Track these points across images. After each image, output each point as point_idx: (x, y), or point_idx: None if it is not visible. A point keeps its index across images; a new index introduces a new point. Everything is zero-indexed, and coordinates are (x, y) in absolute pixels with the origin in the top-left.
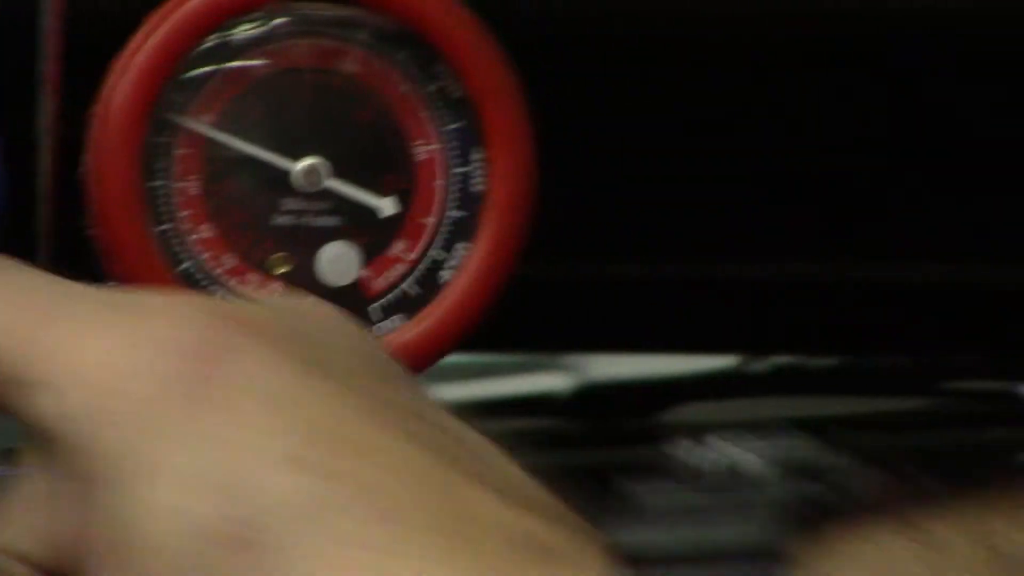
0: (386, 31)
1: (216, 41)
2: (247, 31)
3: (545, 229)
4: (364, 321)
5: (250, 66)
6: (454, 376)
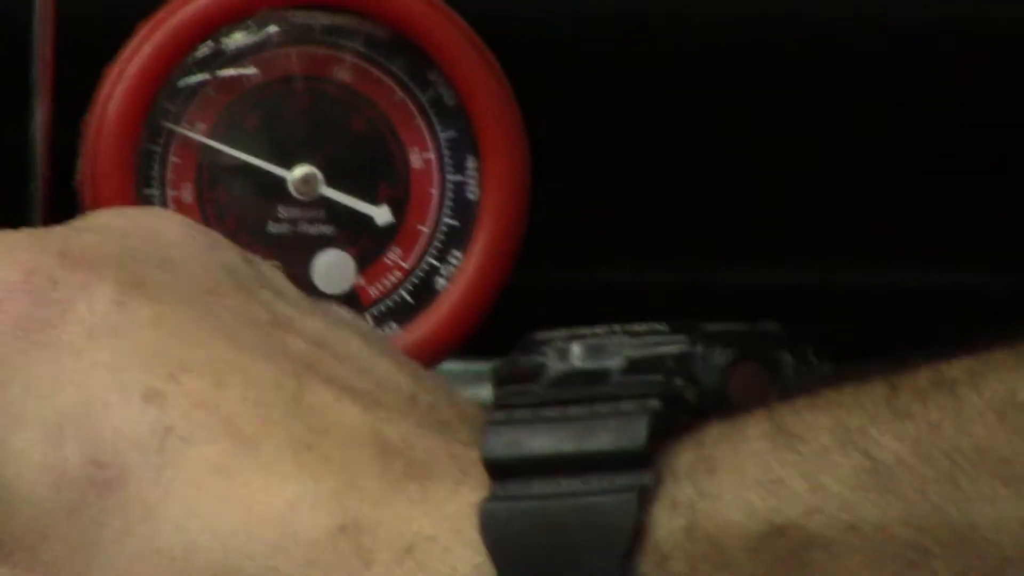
0: (380, 39)
1: (209, 49)
2: (240, 39)
3: (539, 236)
4: None
5: (243, 74)
6: (448, 383)
